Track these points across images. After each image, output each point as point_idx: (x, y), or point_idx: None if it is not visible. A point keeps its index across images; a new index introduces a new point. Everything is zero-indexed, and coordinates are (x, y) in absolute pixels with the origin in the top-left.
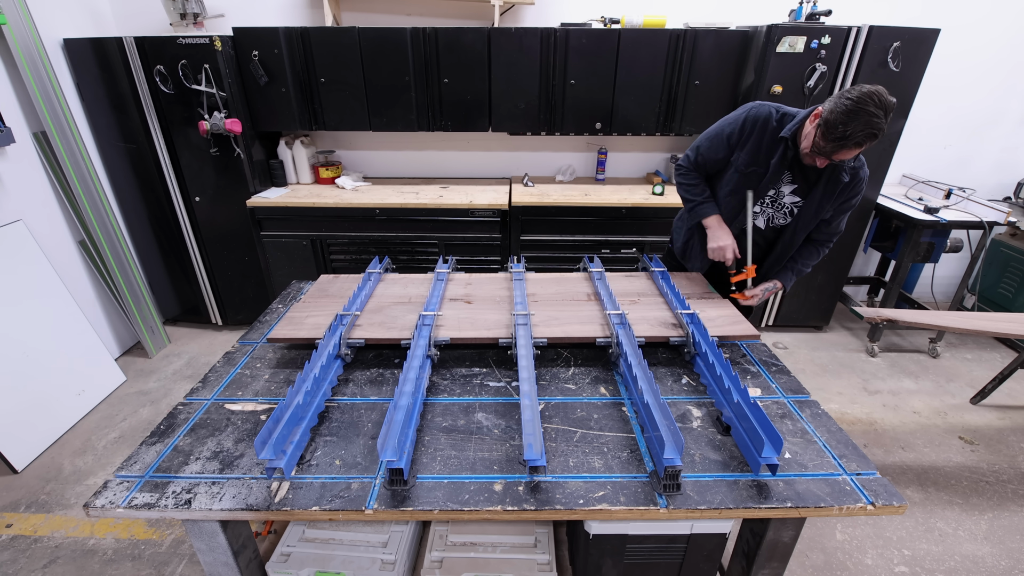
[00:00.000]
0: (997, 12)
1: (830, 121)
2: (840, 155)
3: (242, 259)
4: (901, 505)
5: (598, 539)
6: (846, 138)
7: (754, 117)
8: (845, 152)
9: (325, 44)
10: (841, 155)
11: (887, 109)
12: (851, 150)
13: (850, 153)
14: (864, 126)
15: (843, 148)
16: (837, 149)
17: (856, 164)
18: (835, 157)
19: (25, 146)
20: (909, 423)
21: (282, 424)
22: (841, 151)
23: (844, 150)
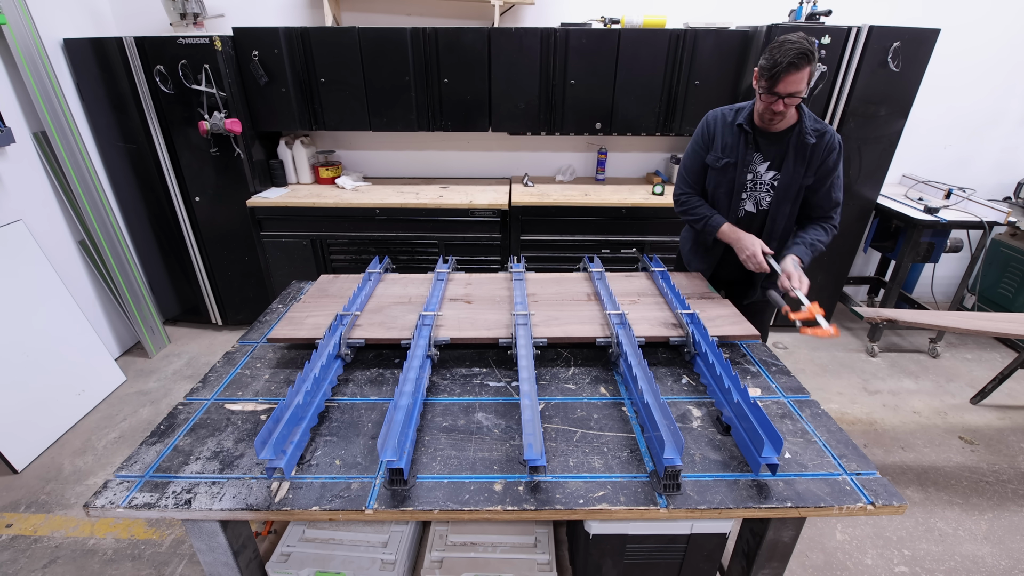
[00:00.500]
0: (997, 12)
1: (762, 64)
2: (783, 85)
3: (242, 259)
4: (901, 505)
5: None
6: (777, 64)
7: (712, 119)
8: (786, 80)
9: (325, 44)
10: (784, 84)
11: (806, 38)
12: (790, 75)
13: (790, 79)
14: (788, 48)
15: (781, 76)
16: (776, 79)
17: (819, 127)
18: (779, 89)
19: (25, 146)
20: (909, 423)
21: (282, 424)
22: (782, 80)
23: (784, 77)
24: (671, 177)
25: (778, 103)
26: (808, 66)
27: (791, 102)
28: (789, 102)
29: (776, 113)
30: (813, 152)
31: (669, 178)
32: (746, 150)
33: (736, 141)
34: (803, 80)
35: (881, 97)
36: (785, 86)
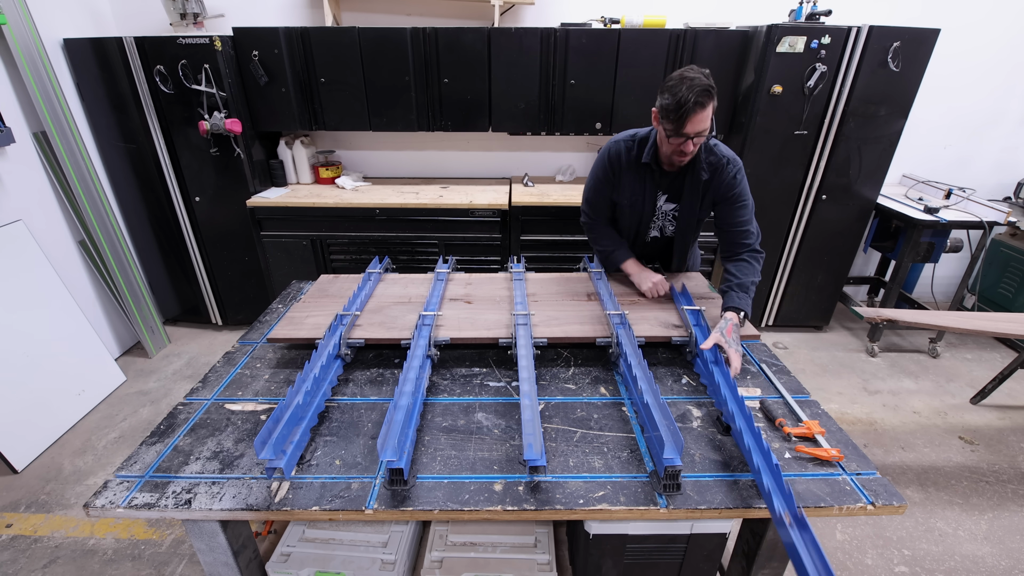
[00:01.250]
0: (997, 12)
1: (664, 105)
2: (691, 125)
3: (242, 259)
4: (901, 505)
5: (598, 539)
6: (682, 104)
7: (615, 154)
8: (692, 120)
9: (325, 44)
10: (691, 125)
11: (703, 72)
12: (695, 114)
13: (697, 119)
14: (689, 86)
15: (687, 116)
16: (682, 120)
17: (713, 159)
18: (687, 131)
19: (25, 146)
20: (909, 423)
21: (282, 424)
22: (688, 120)
23: (690, 117)
24: None
25: (687, 144)
26: (711, 103)
27: (699, 141)
28: (697, 141)
29: (684, 155)
30: (707, 186)
31: None
32: (651, 187)
33: (642, 180)
34: (708, 117)
35: (881, 97)
36: (693, 126)
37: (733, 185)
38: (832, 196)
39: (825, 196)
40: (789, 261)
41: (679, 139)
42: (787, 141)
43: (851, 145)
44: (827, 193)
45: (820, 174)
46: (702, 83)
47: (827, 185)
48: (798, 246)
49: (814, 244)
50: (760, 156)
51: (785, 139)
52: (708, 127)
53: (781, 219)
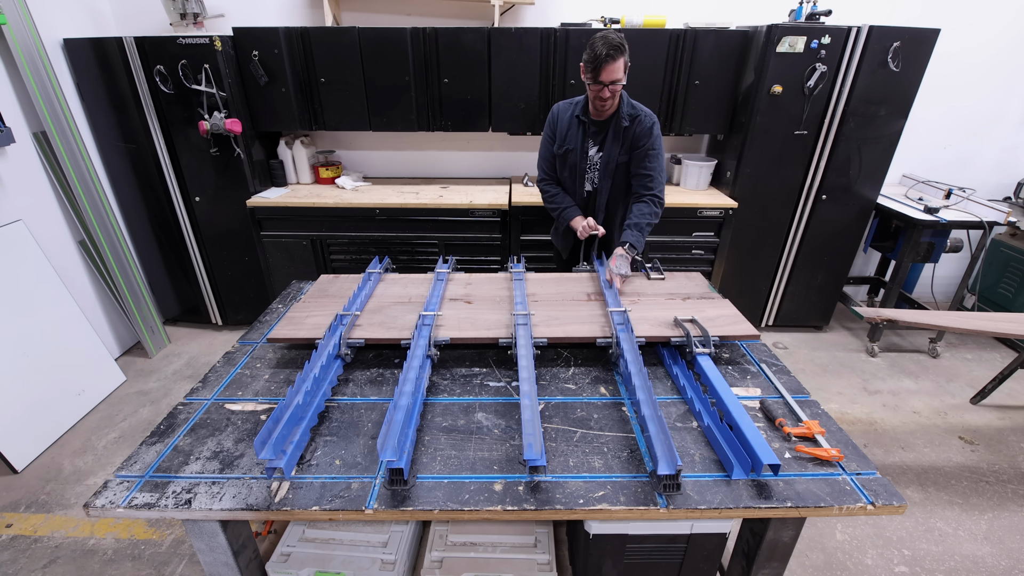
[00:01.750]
0: (997, 13)
1: (585, 59)
2: (605, 74)
3: (242, 259)
4: (901, 505)
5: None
6: (597, 56)
7: (555, 112)
8: (606, 69)
9: (325, 44)
10: (606, 74)
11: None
12: (608, 64)
13: (609, 68)
14: (603, 43)
15: (602, 65)
16: (598, 69)
17: (633, 112)
18: (603, 79)
19: (25, 146)
20: (909, 423)
21: (282, 424)
22: (603, 70)
23: (604, 67)
24: (671, 177)
25: (604, 91)
26: (622, 56)
27: (614, 89)
28: (613, 89)
29: (604, 100)
30: (627, 133)
31: (669, 178)
32: (583, 138)
33: (576, 131)
34: (620, 69)
35: (881, 97)
36: (607, 75)
37: (647, 134)
38: (832, 196)
39: (825, 196)
40: (789, 261)
41: (597, 87)
42: (787, 141)
43: (851, 145)
44: (827, 193)
45: (820, 174)
46: (614, 40)
47: (827, 185)
48: (798, 246)
49: (814, 244)
50: (760, 156)
51: (785, 139)
52: (621, 77)
53: (781, 219)
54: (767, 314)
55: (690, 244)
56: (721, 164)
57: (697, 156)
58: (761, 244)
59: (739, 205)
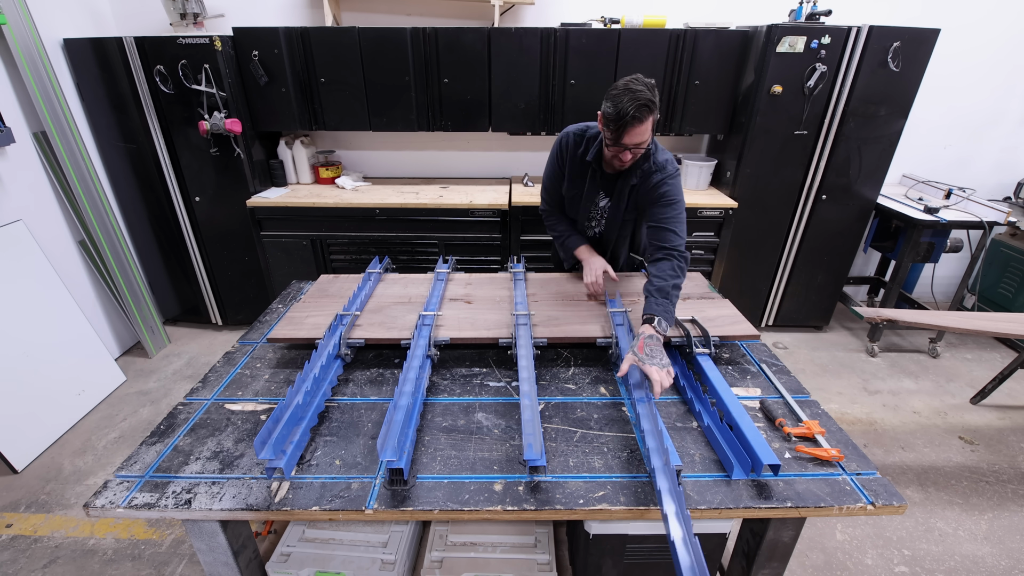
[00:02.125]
0: (997, 12)
1: (606, 112)
2: (629, 137)
3: (242, 259)
4: (901, 505)
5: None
6: (621, 116)
7: (566, 143)
8: (630, 132)
9: (325, 44)
10: (629, 137)
11: (648, 85)
12: (634, 127)
13: (635, 131)
14: (631, 98)
15: (625, 128)
16: (621, 131)
17: (647, 166)
18: (626, 141)
19: (25, 146)
20: (909, 423)
21: (282, 424)
22: (626, 132)
23: (628, 129)
24: None
25: (625, 153)
26: (651, 116)
27: (637, 152)
28: (636, 152)
29: (624, 162)
30: (633, 190)
31: None
32: (592, 184)
33: (583, 174)
34: (647, 131)
35: (881, 97)
36: (631, 138)
37: (658, 187)
38: (832, 196)
39: (825, 196)
40: (789, 261)
41: (617, 148)
42: (787, 141)
43: (851, 145)
44: (827, 193)
45: (820, 174)
46: (644, 97)
47: (827, 185)
48: (798, 246)
49: (814, 244)
50: (760, 156)
51: (785, 139)
52: (647, 139)
53: (781, 219)
54: (767, 314)
55: (690, 244)
56: (721, 164)
57: (697, 156)
58: (761, 244)
59: (739, 205)
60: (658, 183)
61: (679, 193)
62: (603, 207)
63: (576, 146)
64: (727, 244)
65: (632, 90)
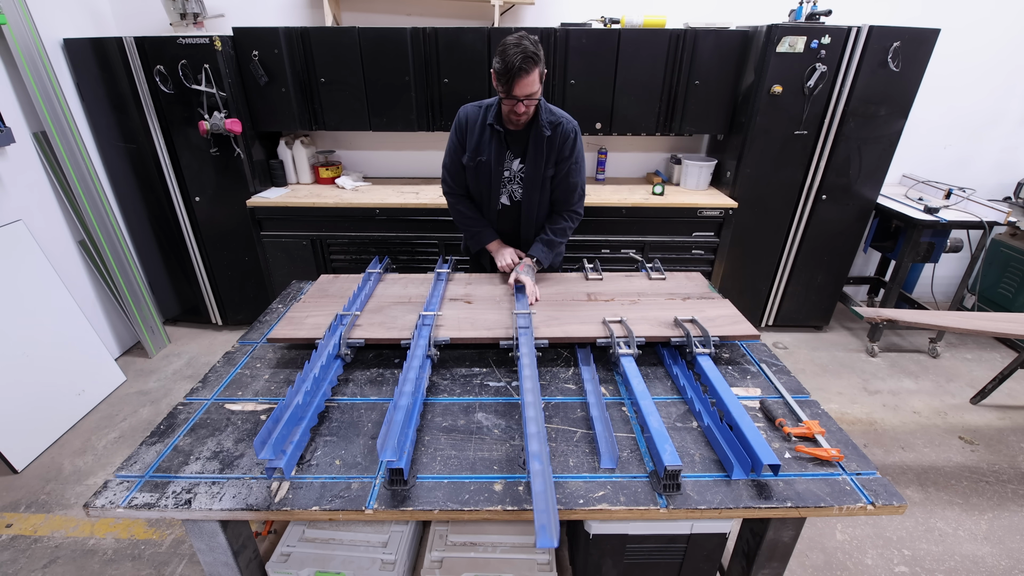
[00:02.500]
0: (997, 13)
1: (496, 68)
2: (519, 88)
3: (242, 259)
4: (901, 505)
5: (598, 539)
6: (509, 68)
7: (463, 117)
8: (520, 83)
9: (325, 44)
10: (520, 88)
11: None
12: (522, 78)
13: (524, 82)
14: (517, 52)
15: (515, 79)
16: (511, 82)
17: (553, 119)
18: (517, 93)
19: (25, 146)
20: (909, 423)
21: (281, 424)
22: (516, 83)
23: (517, 80)
24: (671, 177)
25: (519, 105)
26: (536, 68)
27: (530, 103)
28: (528, 103)
29: (519, 115)
30: (550, 143)
31: (669, 178)
32: (498, 147)
33: (488, 139)
34: (535, 82)
35: (881, 97)
36: (521, 89)
37: (571, 145)
38: (832, 196)
39: (825, 196)
40: (789, 261)
41: (511, 101)
42: (787, 141)
43: (851, 145)
44: (827, 193)
45: (820, 174)
46: (529, 50)
47: (827, 185)
48: (798, 246)
49: (814, 244)
50: (760, 156)
51: (785, 139)
52: (536, 90)
53: (781, 219)
54: (767, 314)
55: (690, 244)
56: (721, 164)
57: (697, 156)
58: (761, 244)
59: (739, 205)
60: (572, 135)
61: (583, 154)
62: (518, 171)
63: (475, 116)
64: (727, 244)
65: (518, 44)
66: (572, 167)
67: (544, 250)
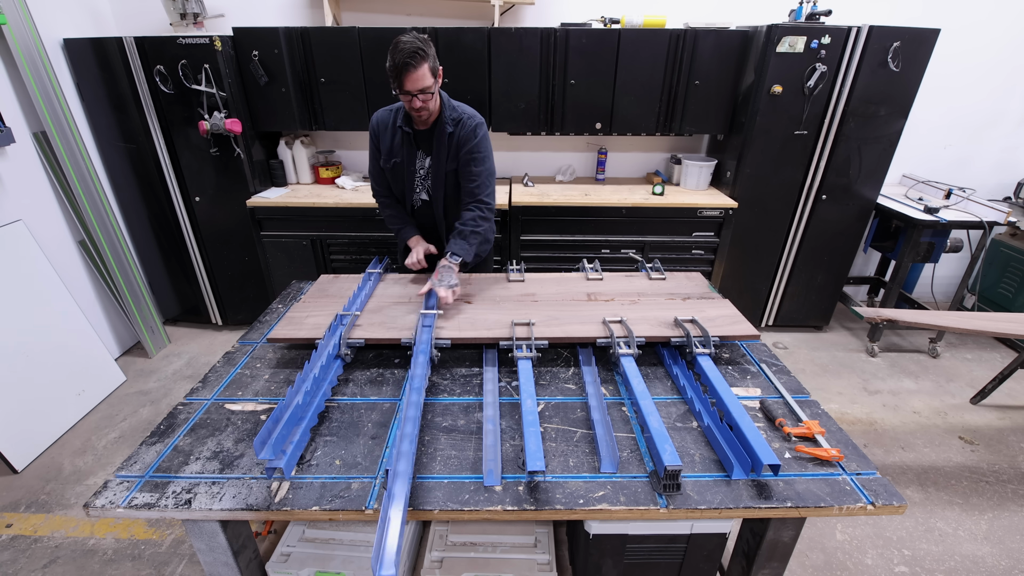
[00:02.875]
0: (997, 13)
1: (387, 67)
2: (410, 83)
3: (242, 259)
4: (901, 505)
5: (598, 539)
6: (397, 65)
7: (375, 123)
8: (409, 78)
9: (325, 44)
10: (408, 83)
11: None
12: (410, 73)
13: (413, 77)
14: (401, 49)
15: (403, 74)
16: (401, 78)
17: (456, 115)
18: (408, 88)
19: (25, 146)
20: (909, 423)
21: (281, 424)
22: (406, 78)
23: (406, 75)
24: (671, 177)
25: (413, 100)
26: (424, 63)
27: (424, 98)
28: (423, 98)
29: (416, 110)
30: (451, 139)
31: (669, 178)
32: (409, 148)
33: (400, 142)
34: (425, 76)
35: (881, 97)
36: (411, 84)
37: (472, 138)
38: (832, 196)
39: (825, 196)
40: (789, 261)
41: (406, 96)
42: (787, 141)
43: (851, 145)
44: (827, 193)
45: (820, 174)
46: (415, 46)
47: (827, 185)
48: (798, 246)
49: (814, 244)
50: (760, 156)
51: (785, 139)
52: (428, 84)
53: (781, 219)
54: (767, 314)
55: (690, 244)
56: (721, 164)
57: (697, 156)
58: (761, 244)
59: (739, 205)
60: (473, 130)
61: (488, 144)
62: (428, 167)
63: (386, 120)
64: (727, 244)
65: (404, 41)
66: (474, 158)
67: (460, 243)
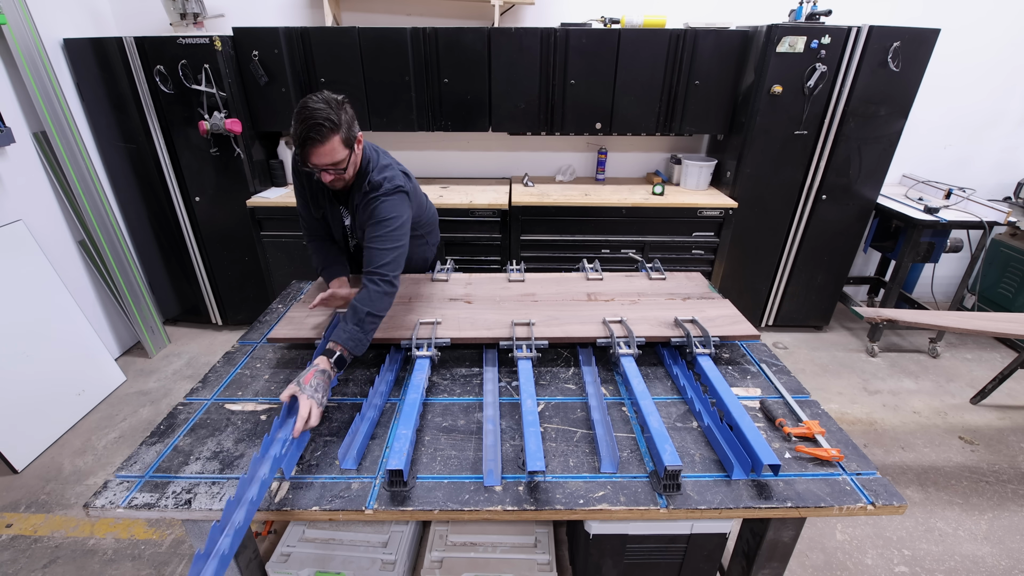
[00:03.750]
0: (997, 13)
1: (292, 134)
2: (313, 158)
3: (242, 259)
4: (901, 505)
5: (598, 539)
6: (302, 139)
7: (297, 169)
8: (314, 152)
9: (325, 44)
10: (314, 158)
11: (330, 101)
12: (315, 147)
13: (318, 152)
14: (306, 118)
15: (306, 148)
16: (305, 152)
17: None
18: (312, 163)
19: (25, 146)
20: (909, 423)
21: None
22: (310, 154)
23: (311, 150)
24: (671, 177)
25: (324, 174)
26: (334, 135)
27: (337, 172)
28: (334, 172)
29: (329, 183)
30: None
31: (669, 178)
32: (331, 203)
33: (323, 195)
34: (335, 151)
35: (881, 97)
36: (317, 159)
37: (368, 206)
38: (832, 196)
39: (825, 196)
40: (789, 261)
41: (310, 169)
42: (787, 141)
43: (851, 145)
44: (827, 193)
45: (820, 174)
46: (321, 116)
47: (827, 185)
48: (798, 246)
49: (814, 244)
50: (760, 156)
51: (785, 139)
52: (339, 159)
53: (781, 219)
54: (767, 314)
55: (690, 244)
56: (721, 164)
57: (697, 156)
58: (761, 244)
59: (739, 205)
60: (368, 202)
61: (392, 211)
62: (348, 226)
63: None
64: (727, 244)
65: (309, 108)
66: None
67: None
